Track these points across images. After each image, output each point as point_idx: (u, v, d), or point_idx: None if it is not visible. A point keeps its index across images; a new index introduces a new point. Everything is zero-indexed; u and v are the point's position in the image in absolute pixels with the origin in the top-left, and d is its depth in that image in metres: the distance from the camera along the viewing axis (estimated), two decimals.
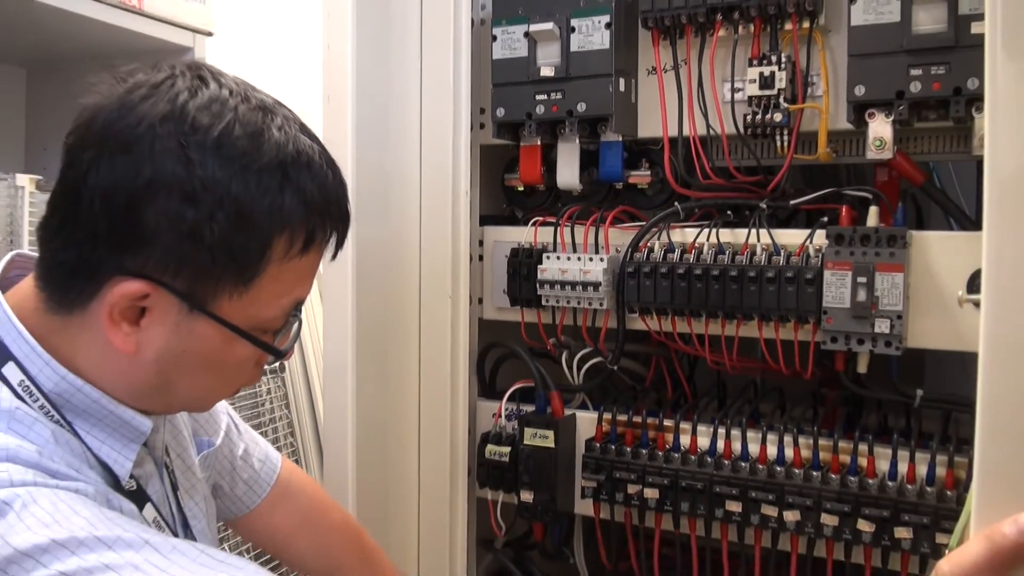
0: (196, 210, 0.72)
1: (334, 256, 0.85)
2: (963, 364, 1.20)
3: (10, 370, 0.76)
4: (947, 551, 0.71)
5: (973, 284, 1.04)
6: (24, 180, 1.44)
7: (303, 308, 0.85)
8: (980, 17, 1.01)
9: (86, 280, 0.75)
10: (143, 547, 0.68)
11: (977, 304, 1.00)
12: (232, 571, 0.71)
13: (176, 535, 0.86)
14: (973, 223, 1.20)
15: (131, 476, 0.81)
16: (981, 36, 0.99)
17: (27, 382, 0.76)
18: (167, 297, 0.75)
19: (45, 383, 0.77)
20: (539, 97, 1.27)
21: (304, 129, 0.80)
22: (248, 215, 0.73)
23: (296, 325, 0.84)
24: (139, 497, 0.82)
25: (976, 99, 1.03)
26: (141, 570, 0.66)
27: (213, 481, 1.08)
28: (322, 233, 0.80)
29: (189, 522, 0.91)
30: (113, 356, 0.77)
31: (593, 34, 1.24)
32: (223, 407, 1.13)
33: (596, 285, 1.24)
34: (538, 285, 1.29)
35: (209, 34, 1.86)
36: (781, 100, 1.15)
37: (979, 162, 1.24)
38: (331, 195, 0.80)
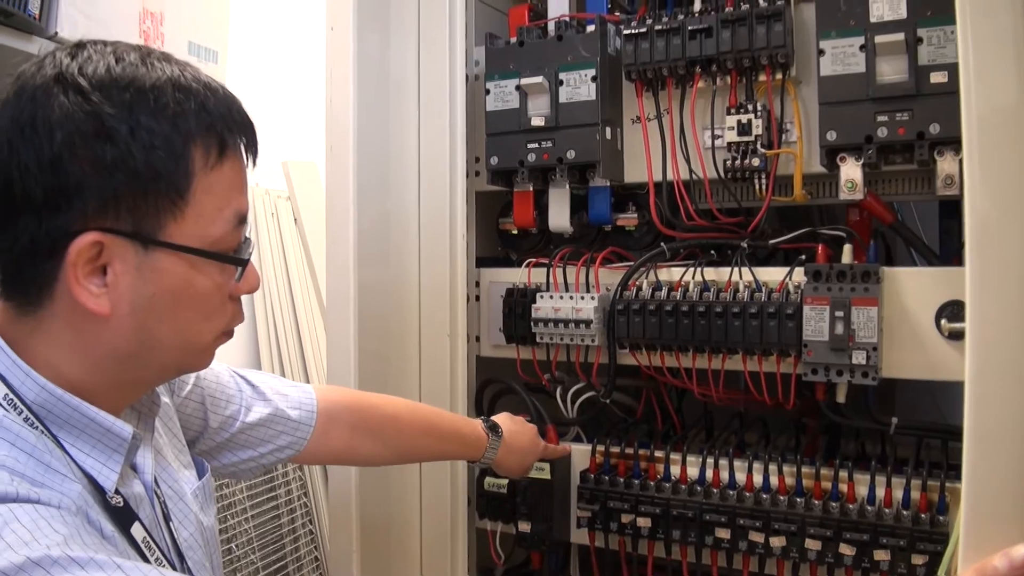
0: (111, 143, 0.73)
1: (254, 164, 0.86)
2: (931, 392, 1.25)
3: None
4: None
5: (944, 313, 1.08)
6: None
7: (255, 246, 0.86)
8: (939, 68, 1.07)
9: (47, 258, 0.75)
10: (115, 571, 0.68)
11: (958, 334, 1.04)
12: None
13: (172, 564, 0.86)
14: (939, 258, 1.25)
15: (118, 492, 0.80)
16: (941, 85, 1.07)
17: (11, 395, 0.75)
18: (120, 242, 0.75)
19: (27, 394, 0.76)
20: (531, 146, 1.33)
21: (178, 60, 0.82)
22: (158, 132, 0.75)
23: (250, 247, 0.85)
24: (126, 514, 0.80)
25: (938, 143, 1.08)
26: None
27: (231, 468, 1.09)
28: (232, 138, 0.81)
29: (184, 552, 0.90)
30: (92, 332, 0.77)
31: (580, 86, 1.29)
32: (234, 388, 1.11)
33: (588, 322, 1.28)
34: (532, 323, 1.32)
35: None
36: (758, 146, 1.20)
37: (941, 202, 1.31)
38: (226, 102, 0.81)
